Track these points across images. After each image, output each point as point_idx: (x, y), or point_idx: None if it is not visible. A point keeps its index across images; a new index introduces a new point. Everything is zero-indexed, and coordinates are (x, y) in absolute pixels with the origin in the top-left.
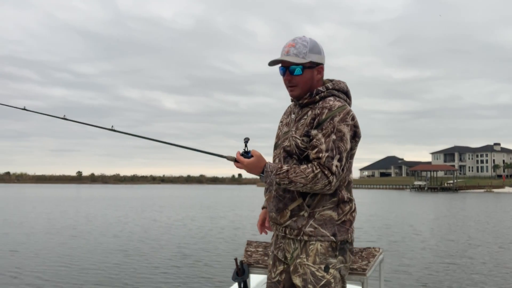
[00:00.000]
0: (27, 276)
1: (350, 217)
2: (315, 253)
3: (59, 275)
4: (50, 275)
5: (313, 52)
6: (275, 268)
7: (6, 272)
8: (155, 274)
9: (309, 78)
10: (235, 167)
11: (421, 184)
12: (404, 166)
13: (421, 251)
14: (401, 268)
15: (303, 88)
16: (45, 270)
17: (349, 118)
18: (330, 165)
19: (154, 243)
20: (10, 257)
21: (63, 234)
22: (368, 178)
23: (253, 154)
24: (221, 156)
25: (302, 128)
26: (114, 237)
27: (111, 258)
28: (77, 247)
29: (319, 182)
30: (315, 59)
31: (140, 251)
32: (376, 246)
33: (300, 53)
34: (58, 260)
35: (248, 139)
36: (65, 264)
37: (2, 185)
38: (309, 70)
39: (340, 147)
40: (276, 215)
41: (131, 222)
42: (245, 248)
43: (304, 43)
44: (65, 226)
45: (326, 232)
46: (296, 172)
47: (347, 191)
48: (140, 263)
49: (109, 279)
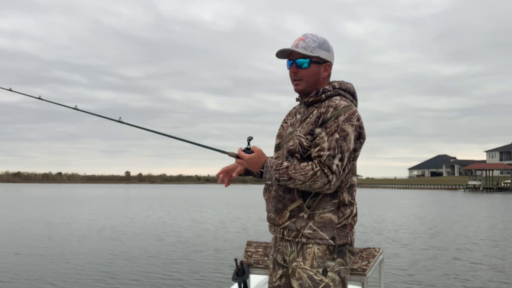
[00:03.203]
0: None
1: (351, 221)
2: (313, 257)
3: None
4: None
5: (322, 48)
6: (275, 273)
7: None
8: (154, 274)
9: (315, 73)
10: (238, 163)
11: (475, 184)
12: (457, 165)
13: (484, 258)
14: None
15: (308, 82)
16: (75, 274)
17: (354, 118)
18: (330, 164)
19: (158, 243)
20: (35, 262)
21: (102, 236)
22: (417, 178)
23: (254, 150)
24: (223, 152)
25: (307, 126)
26: (134, 237)
27: (111, 256)
28: (109, 249)
29: (318, 180)
30: (323, 56)
31: (142, 250)
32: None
33: (308, 47)
34: (86, 265)
35: (251, 138)
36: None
37: (54, 185)
38: (316, 65)
39: (342, 147)
40: (275, 216)
41: (164, 223)
42: (245, 248)
43: (314, 38)
44: (105, 227)
45: (325, 235)
46: (295, 169)
47: (348, 194)
48: (140, 263)
49: (100, 277)
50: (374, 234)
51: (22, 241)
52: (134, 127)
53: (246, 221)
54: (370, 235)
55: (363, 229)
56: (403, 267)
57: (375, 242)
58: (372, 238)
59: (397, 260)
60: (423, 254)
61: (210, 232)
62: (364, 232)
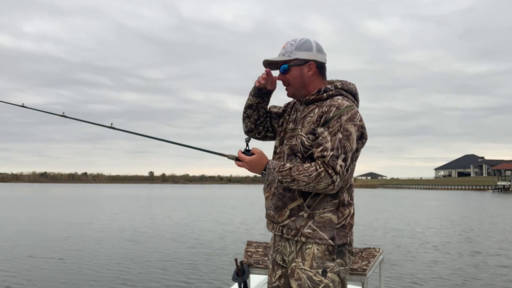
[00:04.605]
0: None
1: (350, 221)
2: (312, 257)
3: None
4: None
5: (300, 50)
6: (274, 273)
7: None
8: (154, 274)
9: (298, 76)
10: (237, 166)
11: (505, 185)
12: (485, 165)
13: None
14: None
15: (295, 85)
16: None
17: (357, 118)
18: (334, 164)
19: (157, 243)
20: (52, 264)
21: (121, 237)
22: (444, 178)
23: (254, 152)
24: (222, 154)
25: (308, 125)
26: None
27: (115, 258)
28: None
29: (322, 181)
30: (303, 56)
31: (142, 250)
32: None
33: (286, 52)
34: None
35: (249, 139)
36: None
37: (80, 185)
38: (297, 67)
39: (346, 147)
40: (274, 214)
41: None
42: (245, 248)
43: (292, 42)
44: (125, 228)
45: (325, 235)
46: (299, 170)
47: (348, 194)
48: (140, 262)
49: (104, 278)
50: (407, 237)
51: (37, 243)
52: (126, 132)
53: (247, 221)
54: (404, 239)
55: (396, 233)
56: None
57: (406, 246)
58: (404, 242)
59: (430, 265)
60: (460, 259)
61: (210, 232)
62: (395, 235)
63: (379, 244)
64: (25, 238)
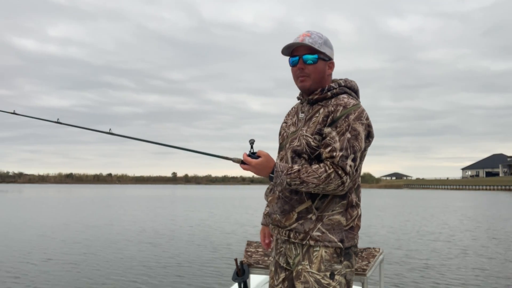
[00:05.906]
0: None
1: (357, 223)
2: (320, 260)
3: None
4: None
5: (327, 46)
6: (277, 276)
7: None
8: (154, 274)
9: (321, 70)
10: (243, 170)
11: None
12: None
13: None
14: None
15: (315, 79)
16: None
17: (364, 117)
18: (344, 165)
19: (158, 243)
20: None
21: (141, 239)
22: (471, 178)
23: (260, 154)
24: (227, 158)
25: (314, 126)
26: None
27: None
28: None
29: (332, 182)
30: (329, 53)
31: (143, 250)
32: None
33: (315, 43)
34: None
35: (253, 141)
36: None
37: (105, 186)
38: (323, 62)
39: (354, 146)
40: (281, 218)
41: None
42: (245, 248)
43: (319, 35)
44: (145, 229)
45: (334, 237)
46: (308, 172)
47: (355, 195)
48: (139, 262)
49: (93, 279)
50: (442, 241)
51: (55, 245)
52: (123, 137)
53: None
54: (437, 243)
55: (432, 236)
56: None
57: (442, 251)
58: (438, 246)
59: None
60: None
61: (211, 231)
62: (431, 240)
63: (418, 248)
64: (44, 240)
